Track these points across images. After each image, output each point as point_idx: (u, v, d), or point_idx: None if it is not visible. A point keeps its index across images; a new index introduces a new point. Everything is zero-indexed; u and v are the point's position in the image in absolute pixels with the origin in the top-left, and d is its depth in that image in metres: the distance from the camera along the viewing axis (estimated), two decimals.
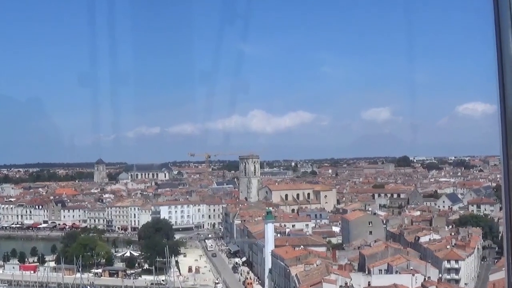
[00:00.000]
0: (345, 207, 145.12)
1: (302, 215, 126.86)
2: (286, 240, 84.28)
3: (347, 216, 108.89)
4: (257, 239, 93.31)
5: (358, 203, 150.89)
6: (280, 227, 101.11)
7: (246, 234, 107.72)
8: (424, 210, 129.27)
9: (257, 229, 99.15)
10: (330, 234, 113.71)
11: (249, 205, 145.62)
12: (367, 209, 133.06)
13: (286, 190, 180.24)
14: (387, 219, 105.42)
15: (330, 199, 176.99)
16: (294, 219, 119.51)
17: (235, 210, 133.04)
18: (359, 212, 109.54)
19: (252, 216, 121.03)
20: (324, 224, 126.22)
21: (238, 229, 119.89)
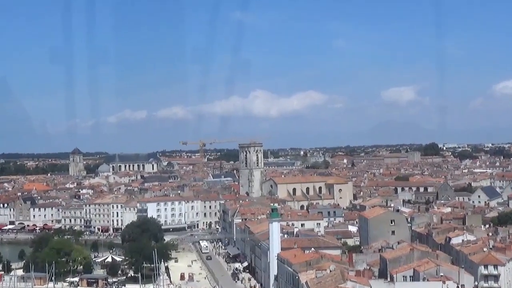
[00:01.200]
0: (363, 203, 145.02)
1: (312, 213, 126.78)
2: (295, 242, 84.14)
3: (365, 213, 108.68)
4: (260, 240, 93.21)
5: (378, 198, 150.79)
6: (287, 227, 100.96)
7: (247, 235, 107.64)
8: (456, 206, 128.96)
9: (260, 229, 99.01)
10: (346, 234, 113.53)
11: (251, 201, 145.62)
12: (389, 205, 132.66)
13: (294, 184, 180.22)
14: (412, 217, 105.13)
15: (345, 193, 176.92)
16: (304, 217, 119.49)
17: (235, 207, 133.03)
18: (379, 209, 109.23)
19: (255, 214, 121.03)
20: (338, 223, 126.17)
21: (238, 229, 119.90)
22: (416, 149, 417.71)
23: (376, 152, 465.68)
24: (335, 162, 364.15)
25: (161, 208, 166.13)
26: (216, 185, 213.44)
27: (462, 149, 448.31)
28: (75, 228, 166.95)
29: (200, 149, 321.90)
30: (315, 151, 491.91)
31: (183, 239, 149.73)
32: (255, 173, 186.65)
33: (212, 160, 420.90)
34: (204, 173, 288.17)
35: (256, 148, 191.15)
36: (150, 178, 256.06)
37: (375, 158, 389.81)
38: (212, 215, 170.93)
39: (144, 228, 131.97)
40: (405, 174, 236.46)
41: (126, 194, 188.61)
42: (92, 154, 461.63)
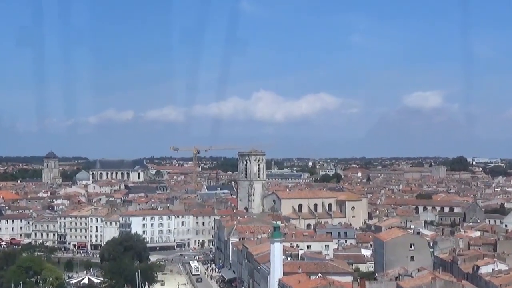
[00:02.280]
0: (379, 223, 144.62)
1: (321, 233, 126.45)
2: (299, 266, 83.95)
3: (381, 235, 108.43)
4: (260, 263, 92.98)
5: (396, 219, 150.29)
6: (291, 248, 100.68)
7: (245, 256, 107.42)
8: (486, 230, 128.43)
9: (260, 250, 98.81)
10: (358, 259, 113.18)
11: (250, 218, 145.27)
12: (409, 226, 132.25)
13: (300, 199, 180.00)
14: (435, 241, 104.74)
15: (359, 212, 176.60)
16: (310, 237, 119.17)
17: (232, 224, 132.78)
18: (397, 231, 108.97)
19: (254, 233, 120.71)
20: (350, 245, 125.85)
21: (234, 249, 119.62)
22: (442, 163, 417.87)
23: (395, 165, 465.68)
24: (348, 175, 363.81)
25: (147, 223, 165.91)
26: (211, 199, 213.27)
27: (495, 164, 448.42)
28: (47, 243, 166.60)
29: (193, 157, 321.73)
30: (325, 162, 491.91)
31: (171, 260, 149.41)
32: (256, 185, 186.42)
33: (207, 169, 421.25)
34: (197, 184, 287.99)
35: (258, 157, 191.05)
36: (136, 188, 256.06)
37: (394, 172, 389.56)
38: (205, 232, 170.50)
39: (127, 246, 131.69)
40: (428, 191, 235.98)
41: (107, 206, 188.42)
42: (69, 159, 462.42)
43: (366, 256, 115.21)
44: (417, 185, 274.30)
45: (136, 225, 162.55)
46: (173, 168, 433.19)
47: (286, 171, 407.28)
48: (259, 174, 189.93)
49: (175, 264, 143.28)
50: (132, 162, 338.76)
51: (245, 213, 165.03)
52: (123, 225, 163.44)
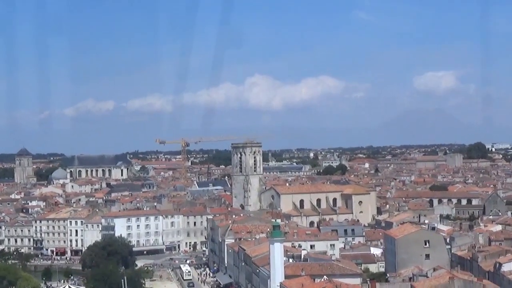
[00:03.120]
0: (390, 218, 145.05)
1: (325, 231, 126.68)
2: (302, 268, 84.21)
3: (392, 232, 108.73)
4: (258, 266, 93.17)
5: (408, 213, 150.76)
6: (292, 249, 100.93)
7: (242, 259, 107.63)
8: (509, 223, 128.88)
9: (258, 251, 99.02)
10: (367, 258, 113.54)
11: (246, 216, 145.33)
12: (423, 221, 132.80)
13: (301, 194, 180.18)
14: (452, 237, 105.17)
15: (367, 206, 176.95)
16: (314, 236, 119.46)
17: (226, 224, 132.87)
18: (410, 226, 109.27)
19: (252, 233, 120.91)
20: (358, 244, 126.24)
21: (230, 251, 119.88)
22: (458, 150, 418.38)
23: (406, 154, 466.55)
24: (354, 166, 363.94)
25: (133, 225, 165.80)
26: (203, 196, 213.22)
27: None
28: (21, 250, 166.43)
29: (182, 150, 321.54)
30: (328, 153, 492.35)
31: (161, 265, 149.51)
32: (252, 180, 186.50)
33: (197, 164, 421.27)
34: (187, 180, 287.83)
35: (254, 148, 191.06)
36: (119, 186, 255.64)
37: (405, 162, 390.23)
38: (197, 233, 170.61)
39: (111, 251, 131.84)
40: (443, 182, 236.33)
41: (88, 207, 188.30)
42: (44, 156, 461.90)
43: (376, 255, 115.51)
44: (430, 175, 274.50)
45: (120, 227, 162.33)
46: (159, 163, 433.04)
47: (285, 163, 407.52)
48: (256, 167, 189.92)
49: (164, 269, 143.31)
50: (114, 158, 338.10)
51: (240, 211, 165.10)
52: (106, 227, 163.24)
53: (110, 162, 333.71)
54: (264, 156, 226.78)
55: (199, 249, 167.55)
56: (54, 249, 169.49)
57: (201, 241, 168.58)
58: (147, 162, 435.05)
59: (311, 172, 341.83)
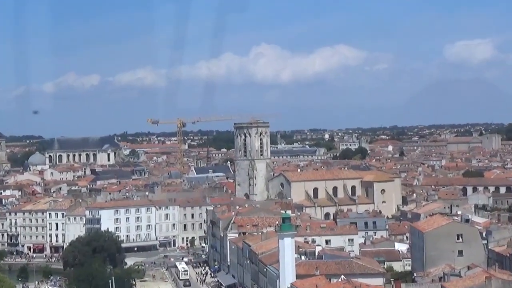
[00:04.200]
0: (417, 209, 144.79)
1: (342, 224, 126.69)
2: (316, 266, 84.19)
3: (420, 225, 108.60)
4: (266, 265, 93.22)
5: (438, 203, 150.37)
6: (305, 245, 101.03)
7: (247, 256, 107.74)
8: None
9: (266, 247, 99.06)
10: (391, 255, 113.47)
11: (252, 207, 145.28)
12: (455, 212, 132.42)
13: (315, 181, 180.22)
14: (489, 231, 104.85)
15: (390, 196, 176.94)
16: (330, 230, 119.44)
17: (229, 216, 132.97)
18: (440, 219, 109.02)
19: (258, 226, 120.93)
20: (380, 238, 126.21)
21: (233, 247, 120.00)
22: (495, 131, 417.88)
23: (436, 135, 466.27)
24: (375, 149, 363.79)
25: (121, 218, 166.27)
26: (202, 184, 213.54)
27: None
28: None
29: (177, 131, 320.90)
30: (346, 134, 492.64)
31: (153, 263, 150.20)
32: (259, 166, 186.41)
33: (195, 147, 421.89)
34: (183, 166, 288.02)
35: (260, 129, 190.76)
36: (105, 173, 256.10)
37: (434, 144, 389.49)
38: (195, 227, 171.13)
39: (96, 247, 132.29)
40: (478, 167, 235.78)
41: (70, 197, 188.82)
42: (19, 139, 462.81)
43: (401, 252, 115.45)
44: (464, 159, 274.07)
45: (107, 220, 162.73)
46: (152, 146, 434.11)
47: (297, 146, 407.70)
48: (262, 151, 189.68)
49: (157, 268, 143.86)
50: (99, 140, 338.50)
51: (245, 201, 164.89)
52: (91, 220, 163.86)
53: (95, 146, 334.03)
54: (272, 138, 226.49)
55: (198, 245, 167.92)
56: (31, 245, 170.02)
57: (199, 236, 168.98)
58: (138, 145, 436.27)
59: (326, 156, 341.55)
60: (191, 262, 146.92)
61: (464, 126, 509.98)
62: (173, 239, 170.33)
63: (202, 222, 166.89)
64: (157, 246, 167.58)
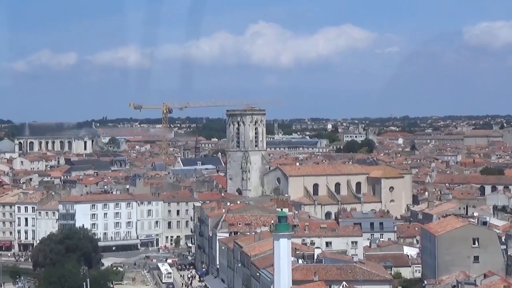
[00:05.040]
0: (429, 210, 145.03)
1: (345, 224, 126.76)
2: (315, 271, 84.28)
3: (432, 227, 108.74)
4: (259, 268, 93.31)
5: (453, 203, 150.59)
6: (303, 247, 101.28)
7: (238, 258, 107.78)
8: None
9: (259, 249, 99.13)
10: (399, 260, 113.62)
11: (245, 204, 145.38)
12: (471, 213, 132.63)
13: (315, 177, 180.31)
14: (508, 234, 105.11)
15: (399, 194, 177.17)
16: (331, 231, 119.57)
17: (219, 214, 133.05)
18: (454, 220, 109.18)
19: (251, 225, 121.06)
20: (388, 241, 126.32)
21: (223, 249, 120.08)
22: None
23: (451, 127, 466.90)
24: (384, 142, 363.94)
25: (98, 213, 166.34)
26: (189, 177, 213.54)
27: None
28: None
29: (163, 118, 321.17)
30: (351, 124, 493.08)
31: (134, 264, 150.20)
32: (253, 158, 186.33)
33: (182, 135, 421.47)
34: (169, 157, 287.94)
35: (255, 117, 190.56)
36: (81, 163, 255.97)
37: (449, 137, 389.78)
38: (181, 225, 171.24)
39: (70, 245, 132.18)
40: (498, 164, 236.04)
41: (42, 189, 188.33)
42: None
43: (411, 257, 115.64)
44: (482, 155, 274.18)
45: (83, 215, 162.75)
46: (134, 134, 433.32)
47: (296, 137, 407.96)
48: (257, 141, 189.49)
49: (138, 270, 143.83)
50: (75, 126, 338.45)
51: (237, 198, 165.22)
52: (64, 215, 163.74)
53: (71, 132, 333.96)
54: (268, 127, 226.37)
55: (183, 245, 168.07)
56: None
57: (185, 235, 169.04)
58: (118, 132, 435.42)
59: (328, 148, 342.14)
60: (175, 264, 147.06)
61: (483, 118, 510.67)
62: (156, 238, 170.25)
63: (189, 220, 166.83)
64: (138, 246, 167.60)
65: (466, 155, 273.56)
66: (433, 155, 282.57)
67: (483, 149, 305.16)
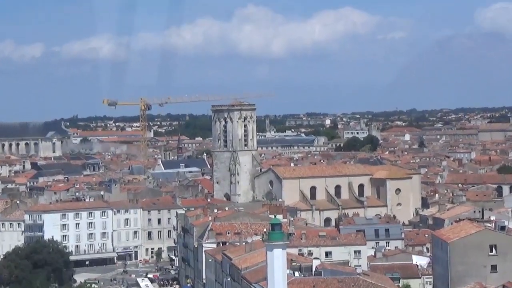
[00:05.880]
0: (440, 214, 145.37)
1: (347, 232, 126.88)
2: (313, 285, 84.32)
3: (444, 233, 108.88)
4: (251, 282, 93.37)
5: (467, 206, 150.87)
6: (300, 257, 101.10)
7: (227, 272, 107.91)
8: None
9: (251, 261, 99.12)
10: (408, 271, 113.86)
11: (234, 211, 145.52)
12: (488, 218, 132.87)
13: (313, 179, 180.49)
14: None
15: (407, 196, 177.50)
16: (331, 239, 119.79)
17: (205, 222, 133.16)
18: (469, 225, 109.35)
19: (241, 235, 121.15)
20: (395, 250, 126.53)
21: (210, 261, 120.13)
22: None
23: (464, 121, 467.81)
24: (389, 139, 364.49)
25: (69, 224, 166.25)
26: (171, 181, 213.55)
27: None
28: None
29: (141, 115, 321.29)
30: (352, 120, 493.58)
31: (110, 280, 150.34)
32: (242, 159, 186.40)
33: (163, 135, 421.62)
34: (148, 159, 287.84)
35: (244, 113, 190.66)
36: (49, 167, 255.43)
37: (462, 132, 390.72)
38: (162, 235, 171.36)
39: (38, 260, 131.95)
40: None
41: (5, 197, 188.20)
42: None
43: (421, 267, 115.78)
44: (499, 152, 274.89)
45: (52, 226, 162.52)
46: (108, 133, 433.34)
47: (290, 134, 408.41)
48: (247, 140, 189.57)
49: (115, 287, 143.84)
50: (42, 126, 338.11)
51: (225, 203, 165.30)
52: (31, 227, 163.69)
53: (37, 133, 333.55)
54: (259, 124, 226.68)
55: (166, 258, 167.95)
56: None
57: (168, 246, 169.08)
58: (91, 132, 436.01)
59: (327, 147, 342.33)
60: (157, 280, 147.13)
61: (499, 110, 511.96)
62: (134, 250, 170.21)
63: (171, 229, 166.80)
64: (115, 259, 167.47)
65: (481, 152, 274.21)
66: (444, 152, 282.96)
67: (499, 145, 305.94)
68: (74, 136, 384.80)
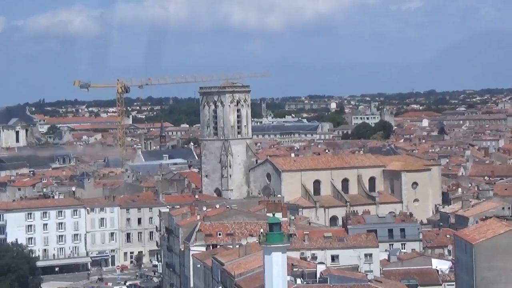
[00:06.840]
0: (463, 211, 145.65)
1: (356, 232, 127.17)
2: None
3: (468, 233, 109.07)
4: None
5: (494, 202, 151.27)
6: (302, 262, 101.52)
7: (219, 279, 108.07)
8: None
9: (246, 267, 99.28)
10: (427, 277, 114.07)
11: (225, 209, 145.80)
12: None
13: (316, 171, 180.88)
14: None
15: (425, 191, 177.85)
16: (338, 241, 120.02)
17: (192, 222, 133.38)
18: (496, 224, 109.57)
19: (234, 236, 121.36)
20: (411, 253, 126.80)
21: (199, 266, 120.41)
22: None
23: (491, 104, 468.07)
24: (404, 125, 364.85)
25: (36, 224, 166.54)
26: (153, 175, 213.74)
27: None
28: None
29: (118, 99, 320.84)
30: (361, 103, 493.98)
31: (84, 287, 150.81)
32: (235, 149, 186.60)
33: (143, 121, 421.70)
34: (126, 149, 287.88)
35: (237, 96, 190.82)
36: (12, 160, 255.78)
37: (488, 116, 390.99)
38: (143, 237, 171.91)
39: (1, 267, 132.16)
40: None
41: None
42: None
43: (441, 272, 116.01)
44: None
45: (16, 228, 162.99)
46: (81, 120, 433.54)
47: (290, 120, 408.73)
48: (240, 127, 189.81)
49: None
50: (4, 112, 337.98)
51: (216, 200, 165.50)
52: None
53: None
54: (254, 108, 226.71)
55: (147, 263, 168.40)
56: None
57: (149, 250, 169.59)
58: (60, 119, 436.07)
59: (332, 134, 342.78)
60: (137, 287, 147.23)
61: None
62: (111, 254, 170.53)
63: (154, 230, 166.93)
64: (88, 265, 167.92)
65: (510, 140, 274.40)
66: (468, 140, 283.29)
67: None
68: (41, 123, 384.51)
